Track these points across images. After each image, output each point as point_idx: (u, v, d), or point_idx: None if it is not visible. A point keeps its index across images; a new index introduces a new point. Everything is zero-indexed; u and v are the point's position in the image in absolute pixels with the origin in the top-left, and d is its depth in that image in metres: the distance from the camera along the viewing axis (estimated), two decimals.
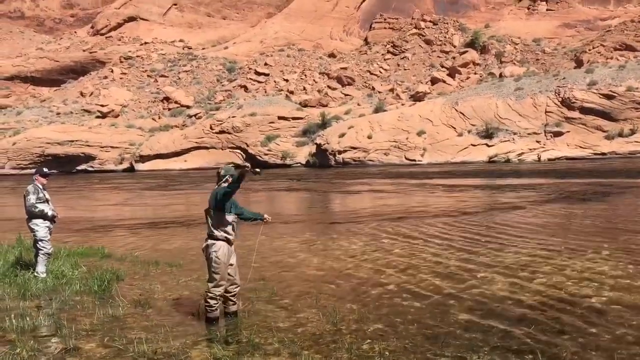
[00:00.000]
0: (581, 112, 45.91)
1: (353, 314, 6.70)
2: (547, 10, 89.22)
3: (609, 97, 45.31)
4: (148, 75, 79.71)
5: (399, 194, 24.29)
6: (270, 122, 57.53)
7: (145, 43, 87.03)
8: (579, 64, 68.57)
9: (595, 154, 43.00)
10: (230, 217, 6.48)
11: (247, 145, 55.80)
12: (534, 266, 8.92)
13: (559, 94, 47.87)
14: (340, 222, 15.69)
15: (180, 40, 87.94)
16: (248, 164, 7.93)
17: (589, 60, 68.16)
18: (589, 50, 71.86)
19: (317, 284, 8.35)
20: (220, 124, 57.62)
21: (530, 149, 44.92)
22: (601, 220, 13.99)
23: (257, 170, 6.39)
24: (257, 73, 76.59)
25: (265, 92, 71.94)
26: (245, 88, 73.97)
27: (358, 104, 64.68)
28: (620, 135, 43.19)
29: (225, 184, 6.44)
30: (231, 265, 6.58)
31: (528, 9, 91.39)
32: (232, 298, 6.68)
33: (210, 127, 57.79)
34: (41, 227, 8.40)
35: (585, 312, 6.53)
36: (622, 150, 42.27)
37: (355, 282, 8.45)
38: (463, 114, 49.98)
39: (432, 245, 11.17)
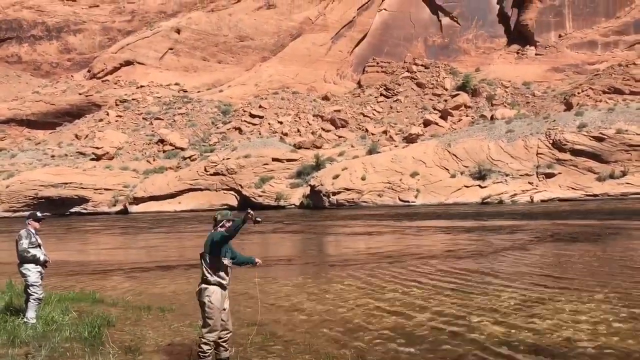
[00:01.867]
0: (572, 154, 46.38)
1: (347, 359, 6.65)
2: (536, 54, 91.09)
3: (599, 139, 45.88)
4: (143, 118, 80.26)
5: (393, 235, 24.27)
6: (264, 164, 57.75)
7: (141, 86, 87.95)
8: (568, 106, 69.64)
9: (587, 195, 43.25)
10: (225, 262, 6.50)
11: (241, 187, 55.85)
12: (528, 310, 8.89)
13: (549, 136, 48.44)
14: (333, 264, 15.63)
15: (176, 84, 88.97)
16: (251, 211, 7.94)
17: (578, 103, 69.29)
18: (578, 93, 73.12)
19: (310, 329, 8.29)
20: (215, 165, 57.79)
21: (522, 190, 45.14)
22: (594, 263, 14.01)
23: (259, 219, 6.47)
24: (252, 115, 77.29)
25: (260, 134, 72.45)
26: (240, 130, 74.51)
27: (352, 146, 65.15)
28: (612, 176, 43.55)
29: (222, 229, 6.48)
30: (224, 310, 6.55)
31: (517, 53, 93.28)
32: (223, 344, 6.62)
33: (205, 169, 57.91)
34: (33, 272, 8.35)
35: (580, 358, 6.50)
36: (614, 192, 42.55)
37: (349, 326, 8.39)
38: (456, 156, 50.38)
39: (426, 289, 11.14)
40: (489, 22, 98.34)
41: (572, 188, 44.22)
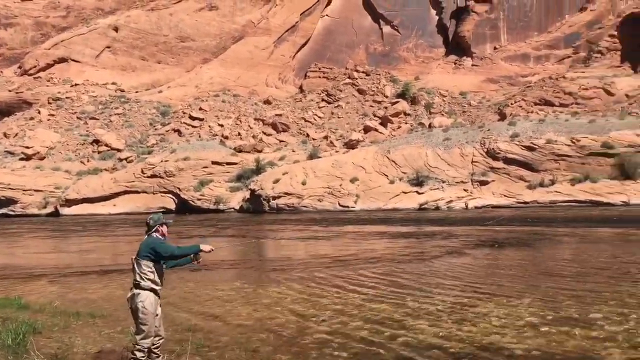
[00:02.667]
0: (505, 162, 48.06)
1: None
2: (472, 65, 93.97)
3: (530, 148, 47.74)
4: (78, 117, 77.55)
5: (333, 240, 24.41)
6: (203, 167, 56.97)
7: (76, 85, 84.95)
8: (502, 116, 72.17)
9: (518, 202, 44.87)
10: (159, 267, 6.35)
11: (180, 190, 54.87)
12: (460, 313, 9.12)
13: (484, 145, 50.04)
14: (271, 269, 15.56)
15: (113, 83, 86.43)
16: (205, 250, 7.62)
17: (511, 113, 71.94)
18: (512, 104, 75.94)
19: (247, 334, 8.21)
20: (152, 168, 56.53)
21: (458, 197, 46.39)
22: (523, 268, 14.53)
23: (199, 260, 6.58)
24: (192, 117, 76.09)
25: (200, 136, 71.42)
26: (179, 132, 73.20)
27: (293, 150, 65.20)
28: (541, 185, 45.36)
29: (156, 234, 6.33)
30: (157, 315, 6.40)
31: (455, 63, 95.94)
32: (155, 350, 6.47)
33: (142, 171, 56.56)
34: None
35: None
36: (543, 200, 44.33)
37: (286, 331, 8.36)
38: (395, 162, 51.28)
39: (363, 293, 11.24)
40: (428, 32, 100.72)
41: (505, 195, 45.78)
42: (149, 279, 6.28)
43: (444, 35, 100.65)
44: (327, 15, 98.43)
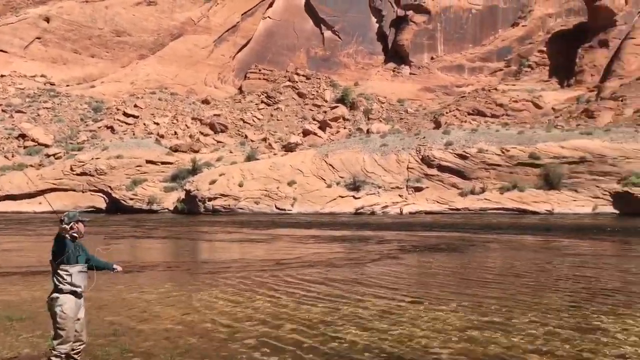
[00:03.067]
0: (439, 169, 49.30)
1: None
2: (410, 74, 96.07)
3: (462, 157, 49.18)
4: (3, 110, 73.96)
5: (268, 243, 24.29)
6: (137, 166, 55.50)
7: (2, 76, 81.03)
8: (437, 125, 74.13)
9: (450, 209, 46.11)
10: (76, 268, 6.08)
11: (111, 189, 53.20)
12: (389, 317, 9.24)
13: (419, 152, 51.16)
14: (203, 272, 15.29)
15: (42, 76, 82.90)
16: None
17: (446, 122, 74.03)
18: (446, 113, 78.16)
19: (174, 339, 8.00)
20: (82, 165, 54.58)
21: (393, 202, 47.19)
22: (452, 273, 14.92)
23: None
24: (126, 114, 74.04)
25: (134, 134, 69.58)
26: (112, 129, 71.06)
27: (230, 152, 64.54)
28: (473, 192, 46.80)
29: (72, 231, 6.05)
30: (78, 320, 6.13)
31: (393, 71, 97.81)
32: (75, 356, 6.20)
33: (71, 168, 54.51)
34: None
35: None
36: (474, 207, 45.74)
37: (215, 336, 8.22)
38: (332, 166, 51.63)
39: (295, 297, 11.22)
40: (368, 39, 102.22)
41: (438, 202, 46.94)
42: (67, 282, 6.01)
43: (384, 43, 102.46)
44: (268, 16, 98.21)
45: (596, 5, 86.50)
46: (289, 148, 65.54)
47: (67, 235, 5.96)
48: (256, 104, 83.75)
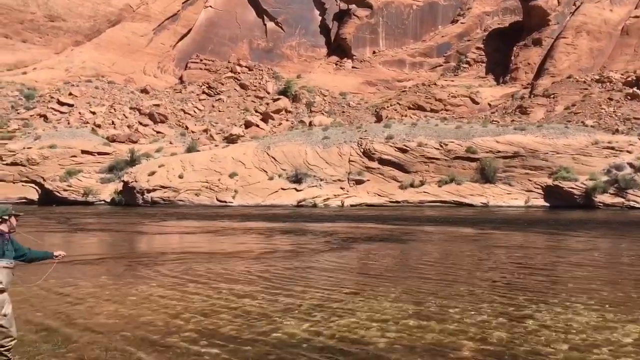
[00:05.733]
0: (380, 162, 50.01)
1: None
2: (352, 67, 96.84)
3: (403, 150, 50.06)
4: None
5: (208, 235, 24.01)
6: (72, 156, 53.66)
7: None
8: (378, 118, 75.09)
9: (391, 201, 46.90)
10: (1, 263, 5.83)
11: (44, 180, 51.18)
12: (330, 309, 9.34)
13: (361, 145, 51.71)
14: (141, 264, 14.97)
15: None
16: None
17: (387, 116, 75.09)
18: (388, 107, 79.26)
19: (109, 334, 7.81)
20: (13, 155, 52.30)
21: (335, 195, 47.55)
22: (391, 265, 15.20)
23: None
24: (60, 103, 71.26)
25: (69, 123, 67.10)
26: (45, 118, 68.27)
27: (170, 143, 63.30)
28: (412, 185, 47.74)
29: (2, 226, 5.82)
30: (5, 315, 5.89)
31: (336, 64, 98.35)
32: (5, 353, 5.96)
33: (1, 158, 52.14)
34: None
35: (372, 353, 6.97)
36: (413, 199, 46.69)
37: (152, 329, 8.07)
38: (274, 159, 51.48)
39: (235, 289, 11.15)
40: (311, 32, 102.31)
41: (379, 194, 47.63)
42: None
43: (327, 36, 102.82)
44: (210, 6, 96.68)
45: (530, 5, 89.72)
46: (230, 140, 64.87)
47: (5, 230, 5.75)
48: (197, 95, 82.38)
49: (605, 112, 67.67)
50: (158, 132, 69.22)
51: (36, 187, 51.72)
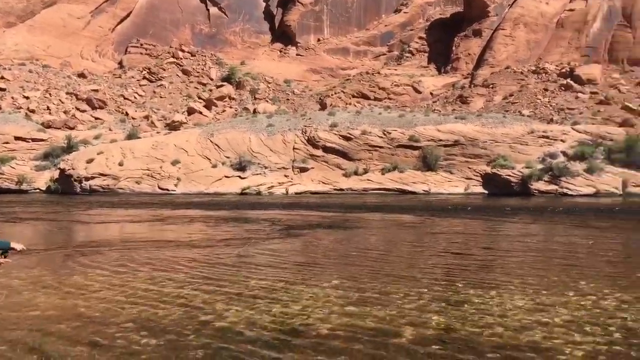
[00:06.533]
0: (324, 150, 50.21)
1: (82, 357, 6.19)
2: (296, 54, 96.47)
3: (347, 138, 50.41)
4: None
5: (150, 224, 23.51)
6: (4, 143, 51.39)
7: None
8: (323, 106, 75.25)
9: (335, 189, 47.22)
10: None
11: None
12: (272, 297, 9.33)
13: (305, 133, 51.73)
14: (79, 254, 14.51)
15: None
16: (16, 247, 6.62)
17: (331, 104, 75.33)
18: (332, 95, 79.53)
19: (43, 326, 7.54)
20: None
21: (279, 183, 47.47)
22: (333, 251, 15.32)
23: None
24: None
25: (1, 108, 64.10)
26: None
27: (109, 129, 61.49)
28: (356, 173, 48.21)
29: None
30: None
31: (280, 51, 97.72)
32: None
33: None
34: None
35: (315, 339, 7.02)
36: (357, 187, 47.17)
37: (89, 321, 7.85)
38: (218, 146, 50.83)
39: (177, 278, 10.98)
40: (255, 18, 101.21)
41: (323, 182, 47.86)
42: None
43: (271, 22, 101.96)
44: None
45: None
46: (173, 127, 63.60)
47: None
48: (138, 80, 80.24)
49: (541, 102, 70.16)
50: (97, 119, 67.13)
51: None
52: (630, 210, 30.75)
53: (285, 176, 48.30)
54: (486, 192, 44.97)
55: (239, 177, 47.69)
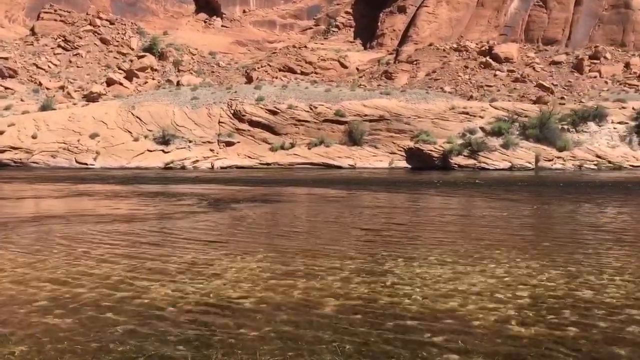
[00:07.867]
0: (250, 124, 49.73)
1: None
2: (222, 26, 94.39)
3: (273, 112, 50.12)
4: None
5: (66, 199, 22.54)
6: None
7: None
8: (249, 80, 74.28)
9: (261, 164, 47.02)
10: None
11: None
12: (196, 271, 9.21)
13: (231, 107, 50.98)
14: None
15: None
16: None
17: (258, 77, 74.47)
18: (258, 68, 78.56)
19: None
20: None
21: (204, 157, 46.71)
22: (258, 225, 15.29)
23: None
24: None
25: None
26: None
27: (21, 100, 58.16)
28: (282, 147, 48.15)
29: None
30: None
31: (205, 22, 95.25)
32: None
33: None
34: None
35: (238, 314, 7.00)
36: (284, 162, 47.17)
37: None
38: (140, 119, 49.27)
39: (96, 254, 10.61)
40: None
41: (249, 157, 47.53)
42: None
43: None
44: None
45: None
46: (91, 98, 60.93)
47: None
48: (52, 48, 76.06)
49: (462, 79, 72.30)
50: (7, 88, 63.29)
51: None
52: (540, 182, 32.47)
53: (211, 150, 47.59)
54: (410, 166, 46.15)
55: (163, 151, 46.57)
